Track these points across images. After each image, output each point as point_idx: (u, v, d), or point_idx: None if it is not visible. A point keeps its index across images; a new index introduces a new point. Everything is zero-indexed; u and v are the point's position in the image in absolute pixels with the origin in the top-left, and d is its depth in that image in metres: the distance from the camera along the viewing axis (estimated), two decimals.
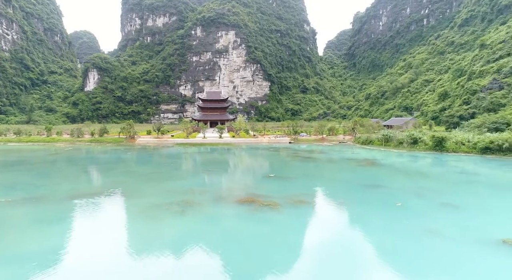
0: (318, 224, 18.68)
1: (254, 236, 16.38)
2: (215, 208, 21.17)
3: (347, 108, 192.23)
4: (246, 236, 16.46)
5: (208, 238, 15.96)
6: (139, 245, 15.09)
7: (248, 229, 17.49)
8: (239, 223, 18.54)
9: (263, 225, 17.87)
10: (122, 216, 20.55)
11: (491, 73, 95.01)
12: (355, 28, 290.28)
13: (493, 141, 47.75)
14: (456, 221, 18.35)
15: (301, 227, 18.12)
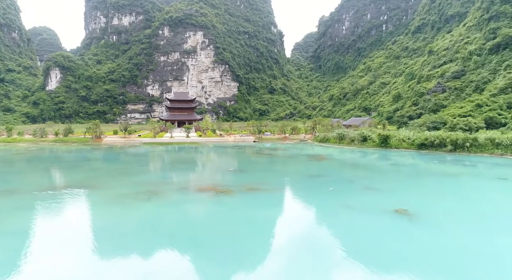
0: (263, 204, 22.78)
1: (209, 214, 20.21)
2: (177, 196, 24.72)
3: (312, 109, 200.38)
4: (203, 214, 20.27)
5: (170, 218, 19.56)
6: (109, 225, 18.36)
7: (204, 209, 21.29)
8: (198, 205, 22.28)
9: (217, 206, 21.75)
10: (93, 202, 23.45)
11: (436, 77, 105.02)
12: (320, 31, 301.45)
13: (427, 138, 54.72)
14: (369, 199, 23.25)
15: (249, 206, 22.15)
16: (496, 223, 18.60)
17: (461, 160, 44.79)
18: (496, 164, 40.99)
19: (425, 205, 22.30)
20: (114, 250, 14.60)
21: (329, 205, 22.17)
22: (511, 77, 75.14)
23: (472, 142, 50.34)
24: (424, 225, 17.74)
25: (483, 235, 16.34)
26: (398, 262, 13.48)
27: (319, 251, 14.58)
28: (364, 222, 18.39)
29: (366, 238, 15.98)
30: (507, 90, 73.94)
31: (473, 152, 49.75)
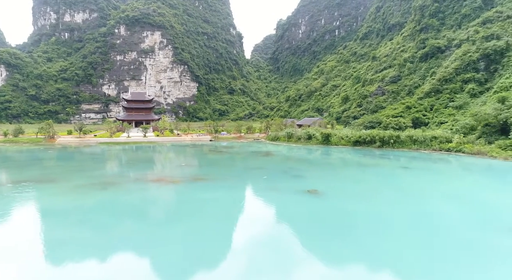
0: (205, 189, 27.29)
1: (157, 197, 24.38)
2: (131, 185, 28.48)
3: (270, 109, 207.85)
4: (152, 197, 24.39)
5: (124, 200, 23.45)
6: (70, 207, 21.88)
7: (154, 194, 25.40)
8: (148, 191, 26.29)
9: (165, 191, 25.95)
10: (51, 192, 26.38)
11: (378, 81, 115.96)
12: (278, 34, 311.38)
13: (360, 136, 62.54)
14: (292, 184, 28.74)
15: (192, 191, 26.58)
16: (378, 196, 24.84)
17: (385, 154, 52.58)
18: (409, 157, 49.02)
19: (332, 186, 28.27)
20: (75, 225, 18.34)
21: (259, 188, 27.32)
22: (434, 82, 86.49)
23: (395, 139, 58.75)
24: (324, 198, 23.42)
25: (364, 204, 22.30)
26: (300, 219, 18.80)
27: (245, 217, 19.51)
28: (281, 198, 23.70)
29: (281, 207, 21.24)
30: (431, 94, 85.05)
31: (396, 147, 58.09)
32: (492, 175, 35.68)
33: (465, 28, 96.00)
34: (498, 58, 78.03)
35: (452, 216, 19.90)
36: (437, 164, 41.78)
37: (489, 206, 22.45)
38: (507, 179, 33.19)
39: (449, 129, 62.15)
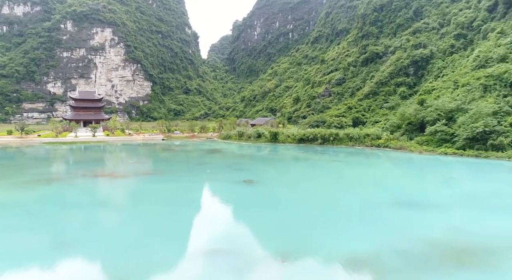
0: (151, 181, 29.41)
1: (103, 189, 26.11)
2: (76, 180, 29.69)
3: (226, 109, 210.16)
4: (98, 190, 26.07)
5: (68, 193, 24.90)
6: (16, 199, 22.96)
7: (99, 187, 27.05)
8: (94, 185, 27.83)
9: (112, 185, 27.68)
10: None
11: (325, 83, 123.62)
12: (234, 35, 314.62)
13: (304, 134, 67.58)
14: (233, 175, 31.86)
15: (140, 183, 28.58)
16: (305, 184, 28.83)
17: (325, 150, 57.81)
18: (344, 152, 54.57)
19: (267, 177, 31.90)
20: (21, 215, 19.74)
21: (202, 179, 30.05)
22: (372, 85, 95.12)
23: (335, 137, 64.49)
24: (256, 186, 26.80)
25: (292, 190, 26.04)
26: (231, 201, 21.87)
27: (186, 202, 22.12)
28: (220, 186, 26.72)
29: (218, 193, 24.21)
30: (369, 96, 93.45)
31: (336, 144, 63.81)
32: (403, 165, 41.72)
33: (399, 37, 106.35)
34: (424, 65, 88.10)
35: (359, 196, 24.23)
36: (364, 158, 47.47)
37: (391, 188, 27.33)
38: (412, 168, 39.25)
39: (381, 127, 69.36)
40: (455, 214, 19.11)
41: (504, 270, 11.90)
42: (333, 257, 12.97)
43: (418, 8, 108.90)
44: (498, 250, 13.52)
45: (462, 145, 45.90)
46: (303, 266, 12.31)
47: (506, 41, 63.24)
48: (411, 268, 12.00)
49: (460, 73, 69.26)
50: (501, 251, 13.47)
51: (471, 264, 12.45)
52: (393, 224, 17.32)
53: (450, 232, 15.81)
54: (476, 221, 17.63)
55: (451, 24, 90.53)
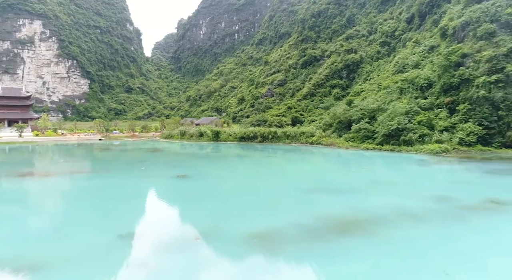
0: (81, 179, 29.05)
1: (30, 189, 25.39)
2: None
3: (170, 109, 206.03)
4: (24, 190, 25.28)
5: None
6: None
7: (25, 186, 26.19)
8: (16, 184, 26.82)
9: (39, 184, 26.92)
10: None
11: (268, 84, 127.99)
12: (179, 33, 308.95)
13: (245, 132, 70.05)
14: (168, 171, 32.69)
15: (67, 181, 28.12)
16: (236, 177, 30.79)
17: (264, 147, 60.64)
18: (282, 149, 57.92)
19: (202, 172, 33.34)
20: None
21: (136, 175, 30.45)
22: (310, 87, 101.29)
23: (273, 135, 67.90)
24: (190, 179, 28.09)
25: (223, 182, 27.75)
26: (165, 194, 22.88)
27: (119, 195, 22.58)
28: (153, 181, 27.49)
29: (150, 187, 24.98)
30: (307, 97, 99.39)
31: (274, 142, 67.22)
32: (330, 159, 45.98)
33: (334, 42, 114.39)
34: (355, 68, 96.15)
35: (283, 185, 26.69)
36: (297, 153, 51.11)
37: (312, 178, 30.43)
38: (336, 161, 43.57)
39: (316, 126, 74.49)
40: (354, 196, 22.41)
41: (379, 235, 14.80)
42: (241, 233, 14.93)
43: (350, 16, 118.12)
44: (377, 221, 16.61)
45: (381, 141, 51.73)
46: (211, 242, 14.09)
47: (419, 50, 71.99)
48: (304, 238, 14.40)
49: (383, 77, 77.23)
50: (380, 221, 16.59)
51: (353, 232, 15.25)
52: (302, 206, 19.93)
53: (344, 209, 18.80)
54: (368, 201, 21.00)
55: (378, 32, 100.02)
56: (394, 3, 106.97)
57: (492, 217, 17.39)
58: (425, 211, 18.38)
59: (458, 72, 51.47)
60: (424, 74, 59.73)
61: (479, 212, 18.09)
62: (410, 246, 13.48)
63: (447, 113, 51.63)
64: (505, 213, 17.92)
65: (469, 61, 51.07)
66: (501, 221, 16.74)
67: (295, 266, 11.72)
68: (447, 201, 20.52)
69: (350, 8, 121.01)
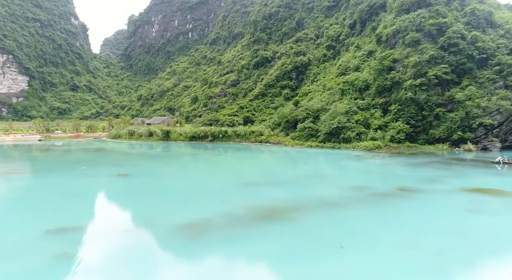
0: (19, 180, 27.79)
1: None
2: None
3: (121, 108, 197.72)
4: None
5: None
6: None
7: None
8: None
9: None
10: None
11: (221, 84, 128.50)
12: (130, 30, 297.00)
13: (196, 132, 70.23)
14: (109, 170, 32.35)
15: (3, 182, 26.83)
16: (178, 174, 31.43)
17: (215, 146, 61.42)
18: (232, 148, 59.12)
19: (144, 170, 33.51)
20: None
21: (75, 175, 29.78)
22: (261, 87, 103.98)
23: (224, 134, 68.95)
24: (131, 178, 28.22)
25: (164, 179, 28.24)
26: (103, 192, 22.86)
27: (55, 194, 22.13)
28: (95, 180, 27.20)
29: (93, 186, 24.77)
30: (259, 97, 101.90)
31: (225, 141, 68.26)
32: (275, 156, 48.23)
33: (284, 44, 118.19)
34: (304, 70, 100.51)
35: (224, 180, 27.90)
36: (245, 151, 52.78)
37: (252, 173, 32.06)
38: (280, 158, 45.90)
39: (266, 125, 76.90)
40: (286, 188, 24.36)
41: (297, 220, 16.59)
42: (171, 224, 15.89)
43: (299, 20, 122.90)
44: (299, 209, 18.49)
45: (323, 138, 55.14)
46: (140, 233, 14.91)
47: (360, 54, 77.42)
48: (230, 225, 15.75)
49: (328, 79, 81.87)
50: (301, 209, 18.49)
51: (275, 218, 16.91)
52: (237, 198, 21.33)
53: (273, 200, 20.54)
54: (296, 192, 23.02)
55: (324, 36, 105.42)
56: (339, 9, 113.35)
57: (396, 201, 20.18)
58: (343, 199, 20.74)
59: (390, 75, 56.59)
60: (363, 76, 64.63)
61: (387, 198, 20.84)
62: (319, 228, 15.43)
63: (381, 113, 56.52)
64: (407, 198, 20.84)
65: (399, 65, 56.42)
66: (402, 204, 19.54)
67: (214, 249, 12.96)
68: (364, 190, 23.18)
69: (299, 12, 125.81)
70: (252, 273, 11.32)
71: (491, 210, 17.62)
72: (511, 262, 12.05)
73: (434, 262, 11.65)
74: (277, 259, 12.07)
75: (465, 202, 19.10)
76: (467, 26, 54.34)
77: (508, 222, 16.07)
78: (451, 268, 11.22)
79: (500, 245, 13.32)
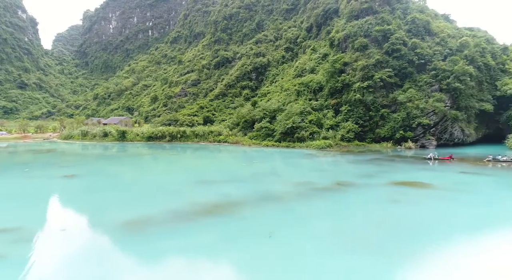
0: None
1: None
2: None
3: (75, 108, 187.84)
4: None
5: None
6: None
7: None
8: None
9: None
10: None
11: (182, 84, 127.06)
12: (85, 25, 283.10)
13: (153, 132, 69.20)
14: (55, 172, 31.37)
15: None
16: (131, 174, 31.28)
17: (173, 146, 60.93)
18: (191, 147, 59.07)
19: (92, 171, 32.92)
20: None
21: (17, 176, 28.63)
22: (222, 87, 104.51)
23: (182, 134, 68.67)
24: (78, 179, 27.71)
25: (112, 180, 28.01)
26: (52, 194, 22.30)
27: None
28: (38, 182, 26.36)
29: (36, 187, 24.00)
30: (219, 97, 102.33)
31: (183, 141, 67.98)
32: (231, 155, 49.19)
33: (245, 45, 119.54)
34: (263, 71, 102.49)
35: (174, 179, 28.30)
36: (202, 151, 53.14)
37: (205, 172, 32.70)
38: (235, 157, 46.96)
39: (225, 125, 77.57)
40: (233, 185, 25.40)
41: (236, 214, 17.63)
42: (114, 221, 16.23)
43: (259, 22, 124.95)
44: (241, 204, 19.57)
45: (279, 138, 57.01)
46: (78, 232, 15.14)
47: (315, 56, 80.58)
48: (171, 220, 16.42)
49: (285, 80, 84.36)
50: (243, 204, 19.58)
51: (216, 213, 17.82)
52: (183, 195, 21.98)
53: (219, 196, 21.45)
54: (243, 188, 24.12)
55: (283, 38, 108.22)
56: (297, 12, 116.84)
57: (331, 195, 21.97)
58: (285, 194, 22.17)
59: (341, 78, 59.80)
60: (317, 78, 67.55)
61: (324, 192, 22.59)
62: (254, 220, 16.61)
63: (333, 113, 59.55)
64: (342, 191, 22.75)
65: (349, 69, 59.81)
66: (335, 197, 21.35)
67: (151, 242, 13.61)
68: (307, 185, 24.85)
69: (259, 14, 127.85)
70: (185, 261, 12.14)
71: (409, 200, 19.90)
72: (417, 243, 13.94)
73: (351, 245, 13.23)
74: (211, 248, 13.01)
75: (390, 194, 21.30)
76: (408, 33, 58.92)
77: (420, 210, 18.31)
78: (367, 250, 12.81)
79: (410, 229, 15.31)
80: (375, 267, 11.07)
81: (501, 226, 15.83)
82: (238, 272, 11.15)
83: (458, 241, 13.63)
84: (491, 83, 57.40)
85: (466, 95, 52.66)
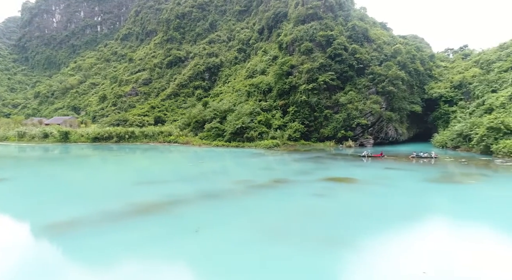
0: None
1: None
2: None
3: (13, 106, 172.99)
4: None
5: None
6: None
7: None
8: None
9: None
10: None
11: (132, 82, 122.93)
12: (25, 18, 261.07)
13: (99, 133, 66.68)
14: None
15: None
16: (67, 176, 30.34)
17: (121, 147, 59.31)
18: (138, 149, 57.87)
19: (26, 174, 31.41)
20: None
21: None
22: (174, 87, 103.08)
23: (130, 134, 67.01)
24: (7, 182, 26.34)
25: (48, 182, 27.03)
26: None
27: None
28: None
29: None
30: (171, 96, 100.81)
31: (131, 142, 66.41)
32: (179, 155, 49.29)
33: (198, 44, 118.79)
34: (216, 71, 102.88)
35: (116, 180, 27.99)
36: (151, 152, 52.47)
37: (149, 172, 32.65)
38: (183, 157, 47.22)
39: (176, 125, 76.87)
40: (175, 185, 25.90)
41: (171, 213, 18.22)
42: (41, 224, 16.09)
43: (213, 22, 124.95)
44: (179, 203, 20.19)
45: (229, 138, 58.09)
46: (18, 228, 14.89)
47: (266, 58, 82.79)
48: (103, 221, 16.60)
49: (237, 81, 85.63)
50: (180, 203, 20.22)
51: (151, 212, 18.25)
52: (120, 196, 22.03)
53: (157, 196, 21.85)
54: (182, 188, 24.72)
55: (235, 39, 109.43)
56: (250, 14, 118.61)
57: (265, 191, 23.43)
58: (223, 192, 23.21)
59: (288, 80, 62.37)
60: (267, 80, 69.61)
61: (260, 189, 24.00)
62: (186, 217, 17.42)
63: (281, 114, 61.92)
64: (275, 187, 24.34)
65: (295, 71, 62.54)
66: (268, 193, 22.83)
67: (77, 242, 13.82)
68: (246, 183, 26.11)
69: (213, 14, 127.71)
70: (109, 258, 12.62)
71: (331, 194, 21.96)
72: (332, 230, 15.65)
73: (268, 235, 14.58)
74: (137, 245, 13.57)
75: (317, 189, 23.21)
76: (349, 39, 63.10)
77: (338, 202, 20.40)
78: (283, 238, 14.19)
79: (327, 219, 17.12)
80: (287, 252, 12.47)
81: (408, 214, 18.19)
82: (158, 265, 11.89)
83: (366, 228, 15.60)
84: (420, 87, 63.56)
85: (399, 98, 57.82)
